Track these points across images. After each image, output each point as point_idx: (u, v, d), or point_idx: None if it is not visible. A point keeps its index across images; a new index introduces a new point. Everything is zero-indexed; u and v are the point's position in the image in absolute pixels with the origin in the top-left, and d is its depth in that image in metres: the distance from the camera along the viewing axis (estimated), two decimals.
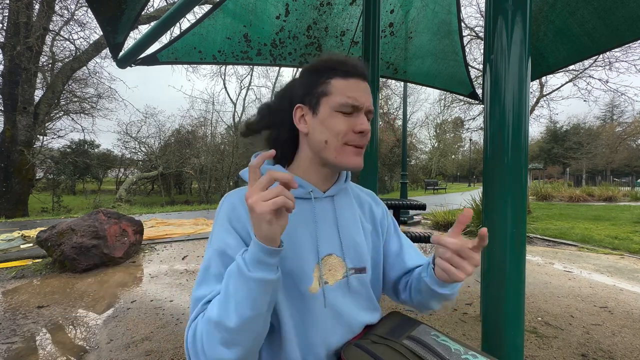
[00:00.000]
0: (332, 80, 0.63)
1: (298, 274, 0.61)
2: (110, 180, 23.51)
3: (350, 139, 0.63)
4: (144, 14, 9.26)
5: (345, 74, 0.63)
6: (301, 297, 0.60)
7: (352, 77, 0.63)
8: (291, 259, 0.61)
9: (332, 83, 0.63)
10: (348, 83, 0.63)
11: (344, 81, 0.63)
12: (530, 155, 6.56)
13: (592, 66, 7.97)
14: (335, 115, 0.62)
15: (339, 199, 0.71)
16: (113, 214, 3.83)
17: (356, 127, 0.62)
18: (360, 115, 0.63)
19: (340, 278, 0.65)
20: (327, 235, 0.66)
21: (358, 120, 0.62)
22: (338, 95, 0.62)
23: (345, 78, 0.63)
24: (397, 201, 2.92)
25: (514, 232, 1.02)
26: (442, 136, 37.79)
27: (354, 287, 0.67)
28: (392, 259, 0.78)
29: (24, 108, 9.49)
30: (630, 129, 32.57)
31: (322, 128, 0.63)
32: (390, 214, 0.84)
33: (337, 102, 0.62)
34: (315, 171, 0.67)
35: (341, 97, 0.62)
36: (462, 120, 17.23)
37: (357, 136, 0.63)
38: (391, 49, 2.87)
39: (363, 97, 0.63)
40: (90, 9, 1.62)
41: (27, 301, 2.52)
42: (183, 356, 1.77)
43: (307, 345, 0.61)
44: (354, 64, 0.64)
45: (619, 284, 3.08)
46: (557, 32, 2.28)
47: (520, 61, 1.00)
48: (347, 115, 0.62)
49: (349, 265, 0.66)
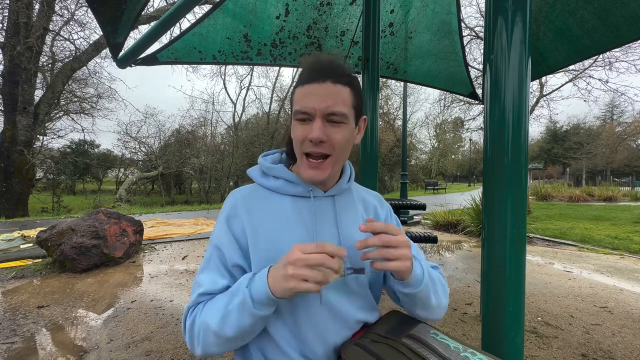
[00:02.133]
0: (296, 89, 0.63)
1: None
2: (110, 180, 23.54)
3: (307, 147, 0.62)
4: (144, 14, 9.26)
5: (302, 81, 0.62)
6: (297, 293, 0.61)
7: (309, 82, 0.61)
8: None
9: (295, 92, 0.63)
10: (302, 90, 0.61)
11: (301, 88, 0.61)
12: (530, 155, 6.56)
13: (592, 66, 7.96)
14: (295, 125, 0.63)
15: (341, 199, 0.71)
16: (113, 214, 3.83)
17: (307, 135, 0.61)
18: (315, 121, 0.60)
19: (337, 277, 0.66)
20: (325, 234, 0.66)
21: (311, 127, 0.61)
22: (296, 104, 0.62)
23: (302, 85, 0.61)
24: (397, 201, 2.92)
25: (514, 232, 1.02)
26: (442, 136, 37.80)
27: (351, 286, 0.67)
28: None
29: (24, 108, 9.49)
30: (630, 129, 32.58)
31: (292, 136, 0.65)
32: (395, 217, 0.84)
33: (294, 111, 0.62)
34: None
35: (296, 105, 0.62)
36: (462, 120, 17.23)
37: (311, 144, 0.61)
38: (391, 49, 2.87)
39: (313, 101, 0.59)
40: (90, 9, 1.62)
41: (27, 301, 2.52)
42: (183, 356, 1.77)
43: (302, 340, 0.62)
44: (309, 67, 0.62)
45: (619, 284, 3.08)
46: (557, 32, 2.28)
47: (520, 61, 1.00)
48: (303, 123, 0.62)
49: (347, 265, 0.66)
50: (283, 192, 0.69)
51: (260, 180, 0.71)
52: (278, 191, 0.69)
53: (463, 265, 3.70)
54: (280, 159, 0.75)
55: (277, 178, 0.69)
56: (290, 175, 0.68)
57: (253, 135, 19.28)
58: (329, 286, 0.64)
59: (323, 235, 0.66)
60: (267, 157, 0.75)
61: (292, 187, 0.68)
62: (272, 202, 0.68)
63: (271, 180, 0.70)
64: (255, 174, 0.73)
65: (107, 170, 20.79)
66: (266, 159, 0.74)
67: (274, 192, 0.69)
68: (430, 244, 4.71)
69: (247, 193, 0.70)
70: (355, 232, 0.70)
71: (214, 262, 0.64)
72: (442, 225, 6.23)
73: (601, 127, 35.74)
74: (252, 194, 0.69)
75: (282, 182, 0.68)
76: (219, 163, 17.86)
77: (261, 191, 0.70)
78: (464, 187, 30.43)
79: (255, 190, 0.70)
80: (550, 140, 38.04)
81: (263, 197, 0.69)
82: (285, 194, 0.69)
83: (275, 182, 0.69)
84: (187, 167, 17.39)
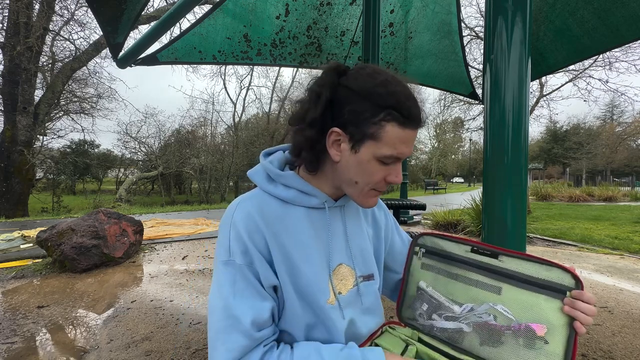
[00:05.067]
0: (388, 125, 0.53)
1: (317, 287, 0.59)
2: (110, 180, 23.54)
3: (379, 186, 0.59)
4: (144, 14, 9.25)
5: (404, 123, 0.54)
6: (321, 310, 0.59)
7: (410, 127, 0.55)
8: (309, 273, 0.59)
9: (387, 129, 0.53)
10: (403, 134, 0.54)
11: (400, 131, 0.54)
12: (530, 155, 6.55)
13: (592, 66, 7.96)
14: (374, 164, 0.56)
15: (347, 208, 0.70)
16: (113, 214, 3.83)
17: (389, 178, 0.58)
18: (398, 165, 0.59)
19: (351, 287, 0.65)
20: (337, 245, 0.65)
21: (394, 170, 0.58)
22: (387, 146, 0.54)
23: (403, 128, 0.54)
24: (397, 201, 2.92)
25: (514, 232, 1.02)
26: (442, 136, 37.81)
27: (364, 294, 0.67)
28: (396, 257, 0.78)
29: (24, 108, 9.50)
30: (630, 129, 32.59)
31: (357, 169, 0.57)
32: (390, 213, 0.84)
33: (383, 154, 0.55)
34: (331, 185, 0.64)
35: (390, 149, 0.54)
36: (462, 120, 17.22)
37: (385, 184, 0.60)
38: (391, 49, 2.87)
39: (409, 149, 0.57)
40: (90, 9, 1.62)
41: (27, 301, 2.52)
42: (183, 356, 1.77)
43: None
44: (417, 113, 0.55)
45: (619, 284, 3.08)
46: (557, 32, 2.28)
47: (520, 61, 1.00)
48: (386, 164, 0.57)
49: (358, 274, 0.66)
50: (296, 204, 0.62)
51: (267, 187, 0.63)
52: (291, 202, 0.62)
53: None
54: (285, 159, 0.67)
55: (288, 187, 0.62)
56: (304, 186, 0.62)
57: (253, 135, 19.30)
58: (346, 298, 0.63)
59: (336, 248, 0.64)
60: (271, 157, 0.67)
61: (307, 199, 0.62)
62: (287, 215, 0.61)
63: (280, 188, 0.62)
64: (259, 177, 0.64)
65: (107, 170, 20.80)
66: (272, 161, 0.66)
67: (286, 202, 0.62)
68: None
69: (258, 204, 0.60)
70: (361, 239, 0.70)
71: (245, 284, 0.54)
72: (442, 225, 6.23)
73: (601, 127, 35.75)
74: (263, 205, 0.60)
75: (295, 193, 0.62)
76: (219, 163, 17.88)
77: (271, 201, 0.62)
78: (464, 187, 30.43)
79: (264, 199, 0.62)
80: (550, 140, 38.04)
81: (276, 208, 0.61)
82: (298, 205, 0.62)
83: (287, 192, 0.62)
84: (187, 167, 17.41)
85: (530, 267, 0.59)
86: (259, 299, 0.54)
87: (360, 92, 0.54)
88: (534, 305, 0.57)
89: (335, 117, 0.56)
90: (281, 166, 0.66)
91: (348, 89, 0.55)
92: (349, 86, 0.55)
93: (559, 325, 0.54)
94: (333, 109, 0.56)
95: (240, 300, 0.52)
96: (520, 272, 0.60)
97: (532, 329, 0.56)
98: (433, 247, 0.74)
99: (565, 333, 0.54)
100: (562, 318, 0.54)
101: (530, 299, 0.58)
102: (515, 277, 0.60)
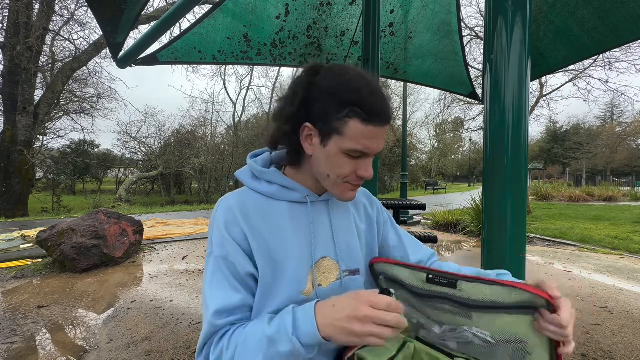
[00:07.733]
0: (350, 121, 0.56)
1: (293, 278, 0.61)
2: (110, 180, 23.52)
3: (351, 179, 0.62)
4: (144, 14, 9.25)
5: (365, 119, 0.56)
6: (294, 300, 0.60)
7: (374, 124, 0.56)
8: (287, 264, 0.61)
9: (349, 125, 0.56)
10: (365, 130, 0.56)
11: (362, 127, 0.56)
12: (530, 155, 6.56)
13: (592, 66, 7.95)
14: (341, 157, 0.59)
15: (334, 202, 0.71)
16: (113, 214, 3.83)
17: (359, 172, 0.61)
18: (367, 160, 0.61)
19: (333, 280, 0.66)
20: (321, 239, 0.66)
21: (363, 165, 0.60)
22: (350, 140, 0.57)
23: (365, 123, 0.56)
24: (397, 201, 2.92)
25: (514, 232, 1.02)
26: (442, 136, 37.79)
27: (348, 288, 0.67)
28: (391, 252, 0.78)
29: (24, 108, 9.50)
30: (630, 129, 32.55)
31: (326, 162, 0.61)
32: (384, 209, 0.84)
33: (347, 147, 0.57)
34: (313, 179, 0.67)
35: (353, 143, 0.57)
36: (462, 120, 17.23)
37: (358, 178, 0.62)
38: (391, 49, 2.87)
39: (375, 144, 0.59)
40: (90, 9, 1.62)
41: (27, 301, 2.52)
42: (183, 356, 1.77)
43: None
44: (379, 110, 0.57)
45: (619, 284, 3.08)
46: (557, 32, 2.27)
47: (520, 61, 1.00)
48: (354, 158, 0.60)
49: (342, 268, 0.67)
50: (278, 198, 0.66)
51: (251, 184, 0.67)
52: (273, 197, 0.65)
53: (463, 265, 3.70)
54: (270, 159, 0.71)
55: (271, 183, 0.66)
56: (285, 181, 0.66)
57: (253, 135, 19.29)
58: (326, 290, 0.64)
59: (320, 241, 0.66)
60: (257, 158, 0.71)
61: (288, 193, 0.66)
62: (268, 209, 0.64)
63: (264, 184, 0.66)
64: (245, 176, 0.69)
65: (107, 170, 20.79)
66: (256, 160, 0.70)
67: (269, 197, 0.66)
68: (430, 243, 4.71)
69: (240, 199, 0.65)
70: (349, 233, 0.70)
71: (221, 275, 0.59)
72: (442, 225, 6.24)
73: (601, 127, 35.74)
74: (246, 200, 0.65)
75: (277, 188, 0.66)
76: (219, 163, 17.88)
77: (254, 196, 0.66)
78: (464, 187, 30.43)
79: (248, 195, 0.66)
80: (550, 140, 38.04)
81: (258, 203, 0.65)
82: (281, 199, 0.66)
83: (269, 187, 0.66)
84: (187, 167, 17.40)
85: (492, 292, 0.55)
86: (230, 290, 0.58)
87: (328, 90, 0.57)
88: (508, 324, 0.55)
89: (309, 113, 0.60)
90: (266, 165, 0.70)
91: (318, 87, 0.59)
92: (319, 85, 0.59)
93: (539, 341, 0.53)
94: (307, 106, 0.60)
95: (211, 290, 0.58)
96: (482, 300, 0.56)
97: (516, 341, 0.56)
98: (391, 275, 0.70)
99: (547, 347, 0.53)
100: (539, 335, 0.53)
101: (503, 320, 0.55)
102: (478, 305, 0.57)
